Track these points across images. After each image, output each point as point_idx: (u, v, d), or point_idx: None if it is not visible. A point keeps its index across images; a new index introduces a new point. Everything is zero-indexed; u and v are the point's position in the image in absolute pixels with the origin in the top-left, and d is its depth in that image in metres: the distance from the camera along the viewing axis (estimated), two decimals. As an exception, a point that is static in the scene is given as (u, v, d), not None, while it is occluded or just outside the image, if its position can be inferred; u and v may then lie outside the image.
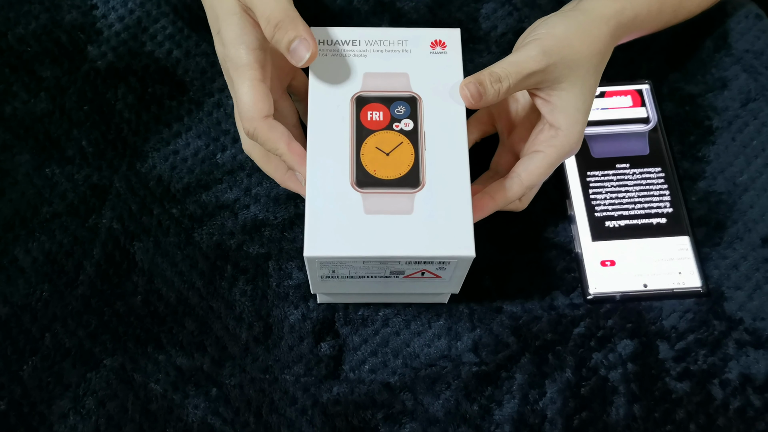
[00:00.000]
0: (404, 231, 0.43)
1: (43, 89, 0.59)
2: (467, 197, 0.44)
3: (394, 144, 0.45)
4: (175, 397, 0.49)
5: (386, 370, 0.51)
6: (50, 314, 0.52)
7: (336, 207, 0.43)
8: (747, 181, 0.57)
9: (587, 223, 0.55)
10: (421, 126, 0.46)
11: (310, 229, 0.43)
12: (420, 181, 0.44)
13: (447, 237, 0.43)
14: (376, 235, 0.43)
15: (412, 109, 0.46)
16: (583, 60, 0.47)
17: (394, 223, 0.43)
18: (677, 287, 0.53)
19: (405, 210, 0.43)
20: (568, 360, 0.51)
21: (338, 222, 0.43)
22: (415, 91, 0.47)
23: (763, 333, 0.52)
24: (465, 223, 0.43)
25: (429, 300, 0.52)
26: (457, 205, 0.44)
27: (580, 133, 0.48)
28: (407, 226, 0.43)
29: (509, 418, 0.49)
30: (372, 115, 0.46)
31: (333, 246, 0.42)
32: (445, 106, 0.46)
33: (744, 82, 0.60)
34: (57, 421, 0.49)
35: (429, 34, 0.48)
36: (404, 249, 0.43)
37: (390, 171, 0.44)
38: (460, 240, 0.43)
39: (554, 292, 0.53)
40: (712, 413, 0.50)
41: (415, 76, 0.47)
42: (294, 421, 0.49)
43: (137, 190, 0.56)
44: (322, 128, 0.45)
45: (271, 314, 0.52)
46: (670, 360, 0.51)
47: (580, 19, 0.48)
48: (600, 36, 0.48)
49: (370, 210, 0.43)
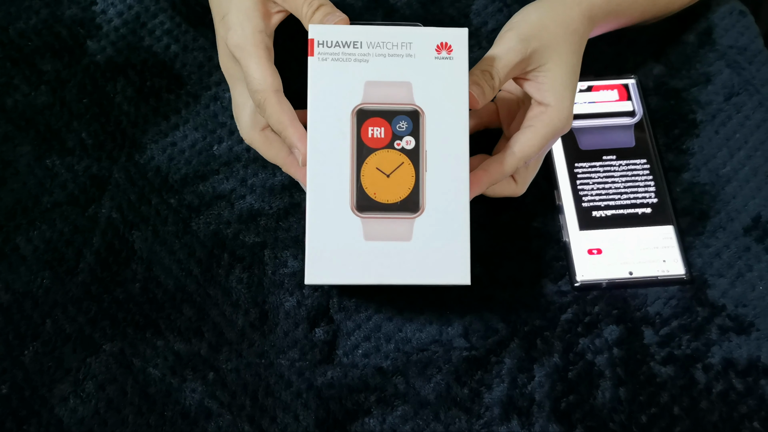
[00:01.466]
0: (402, 258, 0.44)
1: (44, 82, 0.60)
2: (465, 222, 0.45)
3: (395, 165, 0.45)
4: (173, 381, 0.51)
5: (379, 355, 0.52)
6: (51, 301, 0.53)
7: (336, 232, 0.44)
8: (730, 173, 0.58)
9: (575, 212, 0.56)
10: (422, 144, 0.45)
11: (311, 255, 0.44)
12: (420, 206, 0.44)
13: (444, 264, 0.44)
14: (376, 262, 0.44)
15: (415, 124, 0.45)
16: (562, 41, 0.49)
17: (393, 250, 0.44)
18: (662, 275, 0.54)
19: (404, 237, 0.44)
20: (555, 345, 0.53)
21: (338, 248, 0.44)
22: (418, 104, 0.45)
23: (745, 319, 0.54)
24: (462, 249, 0.44)
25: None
26: (455, 231, 0.44)
27: (569, 108, 0.50)
28: (406, 253, 0.44)
29: (498, 401, 0.51)
30: (373, 132, 0.45)
31: (333, 273, 0.44)
32: (447, 122, 0.45)
33: (727, 77, 0.62)
34: (57, 404, 0.50)
35: (435, 35, 0.46)
36: (402, 277, 0.44)
37: (390, 194, 0.44)
38: (457, 268, 0.44)
39: (543, 280, 0.55)
40: (695, 397, 0.51)
41: (418, 86, 0.45)
42: (289, 404, 0.50)
43: (136, 181, 0.57)
44: (322, 144, 0.45)
45: (266, 301, 0.53)
46: (654, 345, 0.53)
47: (552, 4, 0.51)
48: (574, 17, 0.51)
49: (369, 236, 0.44)
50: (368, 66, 0.45)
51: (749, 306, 0.54)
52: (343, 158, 0.45)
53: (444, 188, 0.45)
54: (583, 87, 0.61)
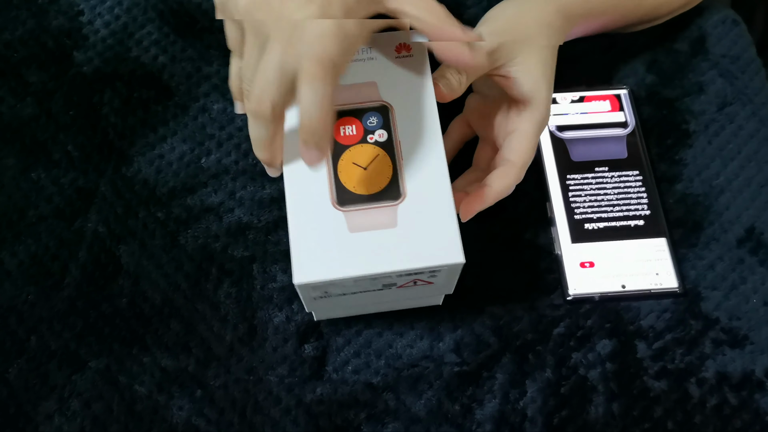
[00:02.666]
0: (391, 245, 0.43)
1: (30, 94, 0.60)
2: (450, 203, 0.44)
3: (371, 157, 0.45)
4: (160, 399, 0.50)
5: (369, 371, 0.51)
6: (36, 316, 0.52)
7: (319, 229, 0.43)
8: (723, 184, 0.58)
9: (567, 225, 0.55)
10: (395, 135, 0.45)
11: (297, 255, 0.42)
12: (401, 192, 0.44)
13: (434, 246, 0.43)
14: (364, 253, 0.42)
15: (385, 119, 0.46)
16: (534, 34, 0.50)
17: (380, 239, 0.43)
18: (655, 288, 0.54)
19: (389, 224, 0.43)
20: (548, 359, 0.52)
21: (324, 244, 0.43)
22: (386, 100, 0.46)
23: (739, 332, 0.53)
24: (450, 229, 0.43)
25: (423, 304, 0.53)
26: (440, 212, 0.43)
27: (547, 99, 0.49)
28: (393, 240, 0.43)
29: (490, 417, 0.50)
30: (345, 130, 0.45)
31: (321, 270, 0.42)
32: (417, 113, 0.46)
33: (720, 86, 0.62)
34: (42, 422, 0.49)
35: (393, 38, 0.47)
36: (393, 264, 0.42)
37: (369, 185, 0.44)
38: (448, 247, 0.43)
39: (535, 293, 0.54)
40: (689, 411, 0.51)
41: (383, 84, 0.46)
42: (278, 421, 0.50)
43: (123, 194, 0.56)
44: (296, 148, 0.44)
45: (255, 316, 0.53)
46: (648, 359, 0.52)
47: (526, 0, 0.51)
48: (547, 11, 0.51)
49: (354, 228, 0.43)
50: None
51: (743, 319, 0.53)
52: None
53: (423, 173, 0.44)
54: (575, 98, 0.60)
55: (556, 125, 0.59)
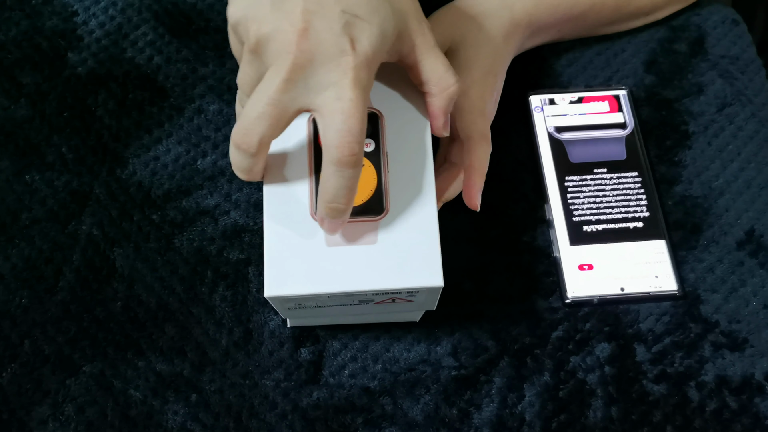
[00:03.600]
0: (368, 263, 0.40)
1: (24, 95, 0.59)
2: (433, 222, 0.41)
3: None
4: (155, 403, 0.49)
5: (366, 375, 0.51)
6: (29, 320, 0.52)
7: (296, 240, 0.41)
8: (723, 185, 0.57)
9: (565, 227, 0.55)
10: (383, 146, 0.43)
11: (270, 266, 0.40)
12: (384, 207, 0.42)
13: (413, 267, 0.40)
14: (339, 269, 0.40)
15: (374, 127, 0.43)
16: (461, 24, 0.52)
17: (358, 255, 0.41)
18: (654, 290, 0.53)
19: (368, 240, 0.41)
20: (546, 363, 0.52)
21: (299, 257, 0.41)
22: (376, 107, 0.44)
23: (739, 335, 0.53)
24: (431, 250, 0.41)
25: (403, 319, 0.52)
26: (423, 231, 0.41)
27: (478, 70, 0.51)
28: (371, 257, 0.41)
29: (488, 422, 0.50)
30: None
31: (294, 284, 0.40)
32: (407, 123, 0.44)
33: (720, 87, 0.61)
34: (36, 428, 0.48)
35: None
36: (368, 283, 0.40)
37: None
38: (427, 269, 0.40)
39: (533, 296, 0.54)
40: (688, 415, 0.50)
41: (374, 91, 0.44)
42: (274, 426, 0.49)
43: (117, 196, 0.56)
44: (278, 152, 0.43)
45: (251, 319, 0.52)
46: (647, 362, 0.52)
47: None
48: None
49: (332, 242, 0.41)
50: None
51: (743, 322, 0.53)
52: (301, 165, 0.42)
53: (408, 189, 0.42)
54: (574, 99, 0.60)
55: (554, 126, 0.59)
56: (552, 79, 0.62)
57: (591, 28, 0.61)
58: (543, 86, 0.61)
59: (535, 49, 0.61)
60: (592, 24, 0.60)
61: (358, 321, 0.52)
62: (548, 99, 0.60)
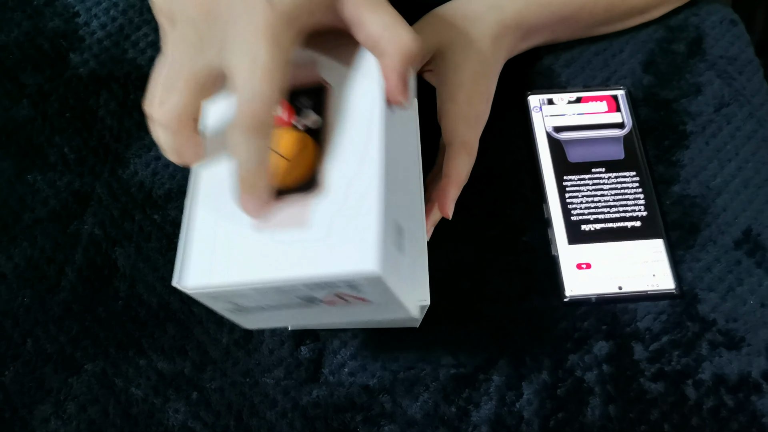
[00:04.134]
0: (296, 249, 0.34)
1: (26, 96, 0.60)
2: (375, 203, 0.35)
3: (296, 145, 0.37)
4: (156, 402, 0.50)
5: (365, 374, 0.51)
6: (32, 320, 0.52)
7: (217, 224, 0.36)
8: (720, 185, 0.58)
9: (563, 226, 0.55)
10: (328, 120, 0.38)
11: (183, 253, 0.35)
12: (320, 188, 0.36)
13: (345, 252, 0.34)
14: (262, 256, 0.34)
15: (318, 100, 0.39)
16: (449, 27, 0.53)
17: (286, 240, 0.35)
18: (651, 289, 0.53)
19: (301, 223, 0.35)
20: (544, 362, 0.52)
21: (217, 243, 0.35)
22: (325, 79, 0.39)
23: (736, 334, 0.53)
24: (369, 233, 0.34)
25: (401, 325, 0.51)
26: (361, 213, 0.35)
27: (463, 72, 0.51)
28: (300, 242, 0.35)
29: (486, 420, 0.50)
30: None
31: (215, 273, 0.34)
32: (360, 95, 0.38)
33: (718, 87, 0.61)
34: (38, 426, 0.49)
35: None
36: (299, 270, 0.34)
37: (287, 176, 0.37)
38: (362, 253, 0.33)
39: (531, 295, 0.54)
40: (686, 413, 0.51)
41: (323, 62, 0.39)
42: (274, 424, 0.50)
43: (119, 196, 0.56)
44: (213, 129, 0.39)
45: (251, 318, 0.53)
46: (644, 361, 0.52)
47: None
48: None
49: (258, 225, 0.36)
50: None
51: (740, 321, 0.53)
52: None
53: (350, 169, 0.37)
54: (572, 98, 0.60)
55: (552, 126, 0.59)
56: (550, 79, 0.62)
57: (585, 28, 0.61)
58: (541, 86, 0.62)
59: (534, 50, 0.62)
60: (586, 24, 0.60)
61: (346, 326, 0.51)
62: (547, 99, 0.60)
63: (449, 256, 0.54)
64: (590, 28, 0.61)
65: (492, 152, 0.58)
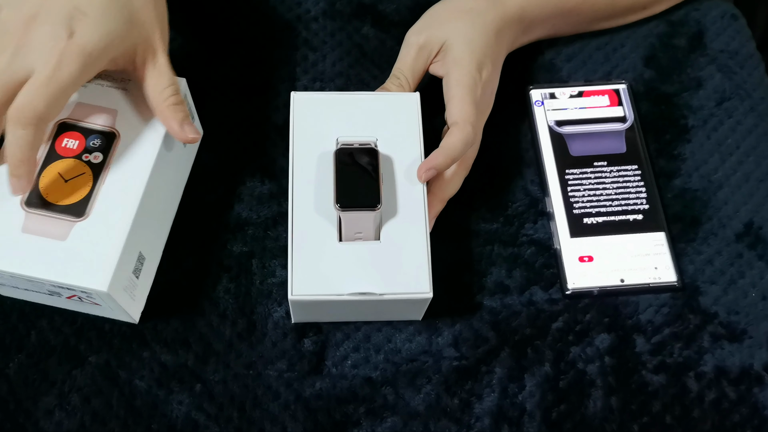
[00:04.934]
0: (54, 256, 0.45)
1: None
2: (123, 233, 0.46)
3: (76, 173, 0.47)
4: (160, 393, 0.50)
5: (368, 366, 0.51)
6: (36, 312, 0.52)
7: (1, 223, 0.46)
8: (721, 179, 0.58)
9: (565, 219, 0.56)
10: (109, 161, 0.48)
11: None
12: (86, 212, 0.47)
13: (87, 268, 0.45)
14: (29, 254, 0.45)
15: (108, 143, 0.49)
16: (455, 19, 0.54)
17: (46, 247, 0.45)
18: (653, 282, 0.54)
19: (60, 236, 0.46)
20: (546, 354, 0.52)
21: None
22: (117, 128, 0.49)
23: (737, 326, 0.53)
24: (108, 256, 0.45)
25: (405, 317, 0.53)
26: (109, 239, 0.46)
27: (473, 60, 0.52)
28: (58, 251, 0.45)
29: (489, 412, 0.50)
30: (67, 143, 0.48)
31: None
32: (140, 147, 0.49)
33: (719, 81, 0.62)
34: (42, 417, 0.49)
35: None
36: (49, 273, 0.45)
37: (62, 197, 0.47)
38: (99, 274, 0.45)
39: (533, 288, 0.54)
40: (687, 405, 0.51)
41: (123, 114, 0.50)
42: (277, 416, 0.50)
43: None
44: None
45: (254, 311, 0.53)
46: (646, 353, 0.52)
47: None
48: (467, 2, 0.55)
49: (27, 229, 0.46)
50: (84, 90, 0.50)
51: (741, 313, 0.53)
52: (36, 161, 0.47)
53: (114, 202, 0.47)
54: (574, 93, 0.60)
55: (554, 120, 0.59)
56: (552, 73, 0.62)
57: (587, 23, 0.61)
58: (543, 81, 0.62)
59: (535, 44, 0.62)
60: (588, 19, 0.61)
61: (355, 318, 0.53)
62: (548, 93, 0.60)
63: (451, 249, 0.55)
64: (592, 23, 0.62)
65: (494, 146, 0.58)
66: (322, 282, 0.47)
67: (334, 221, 0.48)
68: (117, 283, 0.46)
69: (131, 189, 0.48)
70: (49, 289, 0.47)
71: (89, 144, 0.48)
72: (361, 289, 0.46)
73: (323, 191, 0.49)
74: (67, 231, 0.46)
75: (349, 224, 0.48)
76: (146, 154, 0.49)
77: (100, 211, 0.47)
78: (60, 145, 0.48)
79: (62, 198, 0.47)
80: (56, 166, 0.48)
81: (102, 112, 0.50)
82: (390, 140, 0.51)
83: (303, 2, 0.65)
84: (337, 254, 0.48)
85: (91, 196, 0.47)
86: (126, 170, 0.48)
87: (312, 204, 0.49)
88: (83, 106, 0.50)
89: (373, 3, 0.65)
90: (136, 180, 0.48)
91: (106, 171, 0.48)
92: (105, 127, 0.49)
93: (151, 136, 0.49)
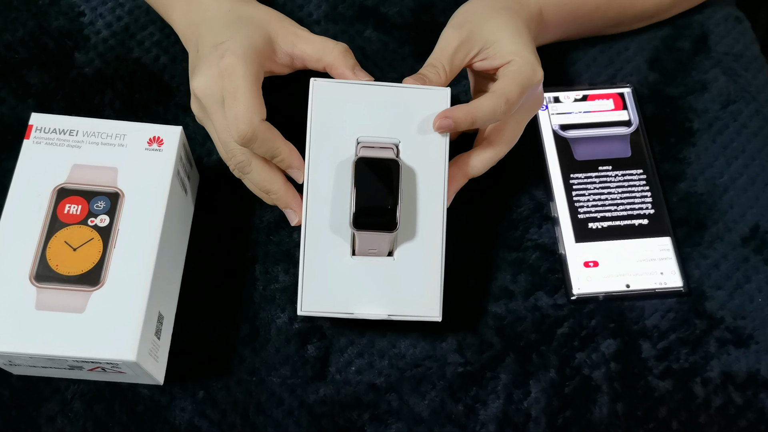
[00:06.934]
0: (73, 330, 0.43)
1: (31, 95, 0.60)
2: (143, 298, 0.45)
3: (84, 239, 0.46)
4: (162, 400, 0.50)
5: (372, 371, 0.51)
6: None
7: (9, 300, 0.44)
8: (727, 182, 0.58)
9: (570, 224, 0.55)
10: (116, 223, 0.46)
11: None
12: (101, 279, 0.45)
13: (111, 339, 0.43)
14: (45, 332, 0.43)
15: (112, 204, 0.47)
16: (495, 15, 0.52)
17: (63, 321, 0.44)
18: (659, 287, 0.53)
19: (76, 308, 0.44)
20: (551, 359, 0.52)
21: (8, 316, 0.44)
22: (120, 187, 0.47)
23: (744, 331, 0.53)
24: (132, 326, 0.44)
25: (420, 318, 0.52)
26: (129, 306, 0.44)
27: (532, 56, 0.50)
28: (77, 324, 0.44)
29: (494, 418, 0.50)
30: (69, 208, 0.47)
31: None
32: (146, 204, 0.47)
33: (724, 84, 0.61)
34: (45, 424, 0.49)
35: (149, 129, 0.50)
36: (71, 349, 0.43)
37: (73, 267, 0.45)
38: (124, 343, 0.43)
39: (538, 293, 0.54)
40: (694, 411, 0.51)
41: (124, 172, 0.48)
42: (280, 422, 0.49)
43: (124, 195, 0.56)
44: (15, 218, 0.46)
45: (258, 316, 0.52)
46: (652, 359, 0.52)
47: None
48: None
49: (41, 306, 0.44)
50: (80, 151, 0.48)
51: (748, 318, 0.53)
52: (34, 230, 0.46)
53: (129, 265, 0.45)
54: (578, 96, 0.60)
55: (559, 124, 0.59)
56: (556, 77, 0.62)
57: (595, 29, 0.61)
58: (547, 84, 0.61)
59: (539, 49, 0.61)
60: (597, 25, 0.60)
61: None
62: (553, 97, 0.60)
63: (456, 253, 0.54)
64: (600, 29, 0.61)
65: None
66: (332, 298, 0.46)
67: (348, 234, 0.48)
68: (143, 350, 0.45)
69: (145, 250, 0.46)
70: (71, 365, 0.46)
71: (93, 207, 0.47)
72: (371, 311, 0.46)
73: (339, 202, 0.48)
74: (84, 302, 0.44)
75: (364, 242, 0.47)
76: (154, 210, 0.47)
77: (116, 277, 0.45)
78: (62, 212, 0.46)
79: (73, 268, 0.45)
80: (61, 234, 0.46)
81: (102, 172, 0.48)
82: (414, 141, 0.48)
83: (305, 5, 0.64)
84: (349, 269, 0.47)
85: (104, 262, 0.45)
86: (136, 230, 0.46)
87: (327, 215, 0.48)
88: (81, 168, 0.48)
89: (375, 6, 0.64)
90: (149, 239, 0.46)
91: (115, 234, 0.46)
92: (108, 188, 0.47)
93: (156, 189, 0.48)
